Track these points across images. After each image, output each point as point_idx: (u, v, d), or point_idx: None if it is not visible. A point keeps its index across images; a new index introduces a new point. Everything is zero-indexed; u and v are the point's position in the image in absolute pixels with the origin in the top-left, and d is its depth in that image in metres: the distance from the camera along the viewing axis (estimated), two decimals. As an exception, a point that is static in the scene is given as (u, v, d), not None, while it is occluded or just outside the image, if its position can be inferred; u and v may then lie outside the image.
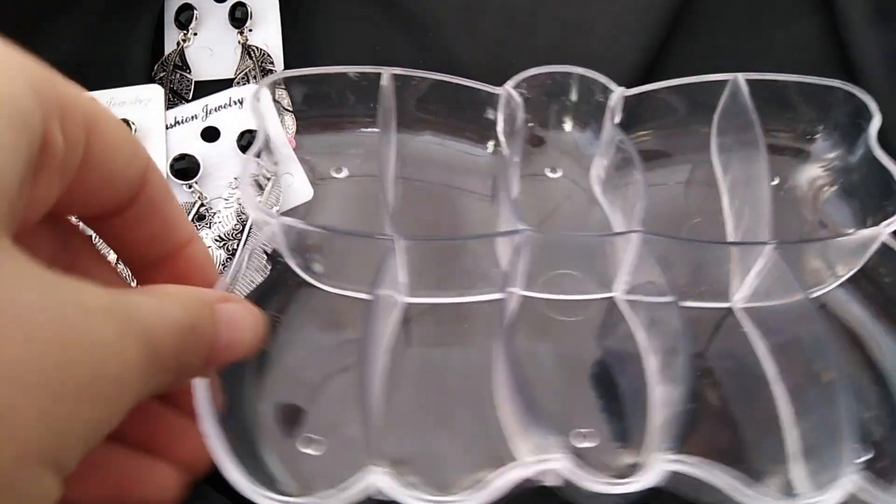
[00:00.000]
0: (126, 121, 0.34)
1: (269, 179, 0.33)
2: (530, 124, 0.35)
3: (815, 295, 0.31)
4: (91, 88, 0.36)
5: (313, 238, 0.30)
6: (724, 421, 0.29)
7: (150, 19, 0.39)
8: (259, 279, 0.30)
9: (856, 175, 0.34)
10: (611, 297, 0.31)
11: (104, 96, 0.36)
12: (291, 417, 0.27)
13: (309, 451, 0.26)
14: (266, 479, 0.22)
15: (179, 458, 0.22)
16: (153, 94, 0.36)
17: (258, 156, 0.31)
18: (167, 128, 0.35)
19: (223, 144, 0.35)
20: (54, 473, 0.15)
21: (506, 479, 0.22)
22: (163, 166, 0.34)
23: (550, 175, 0.35)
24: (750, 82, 0.33)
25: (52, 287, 0.16)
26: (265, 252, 0.30)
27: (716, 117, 0.36)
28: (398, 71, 0.34)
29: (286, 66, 0.39)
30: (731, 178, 0.35)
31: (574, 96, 0.35)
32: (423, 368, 0.30)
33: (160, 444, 0.22)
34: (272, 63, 0.39)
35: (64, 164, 0.18)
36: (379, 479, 0.22)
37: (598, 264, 0.31)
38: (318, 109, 0.36)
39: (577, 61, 0.35)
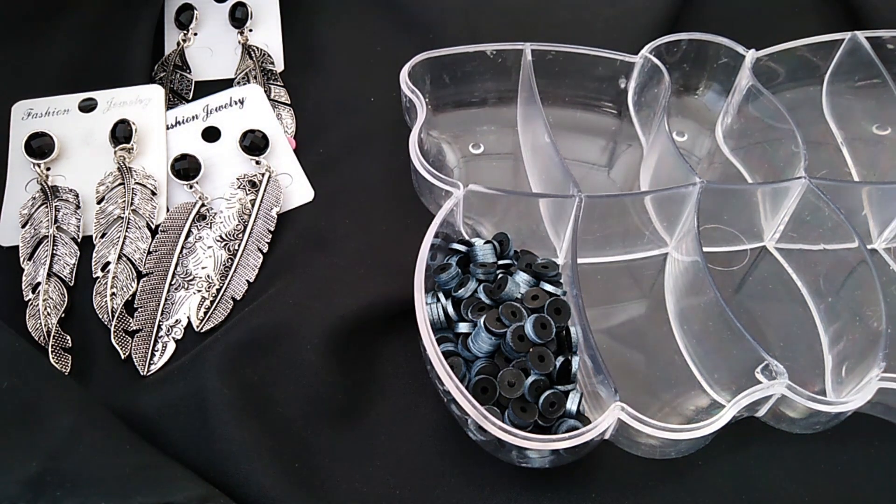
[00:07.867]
0: (126, 121, 0.34)
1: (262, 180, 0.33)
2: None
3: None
4: (91, 88, 0.36)
5: (485, 204, 0.31)
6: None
7: (150, 19, 0.39)
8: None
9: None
10: (762, 247, 0.33)
11: (104, 96, 0.36)
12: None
13: None
14: None
15: None
16: (153, 94, 0.36)
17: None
18: (167, 128, 0.35)
19: (224, 144, 0.35)
20: None
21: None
22: (163, 166, 0.34)
23: (678, 139, 0.37)
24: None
25: None
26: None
27: (827, 75, 0.37)
28: (538, 46, 0.35)
29: (286, 67, 0.39)
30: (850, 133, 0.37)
31: (708, 60, 0.37)
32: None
33: None
34: (272, 63, 0.39)
35: None
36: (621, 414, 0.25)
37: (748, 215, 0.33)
38: (452, 89, 0.37)
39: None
